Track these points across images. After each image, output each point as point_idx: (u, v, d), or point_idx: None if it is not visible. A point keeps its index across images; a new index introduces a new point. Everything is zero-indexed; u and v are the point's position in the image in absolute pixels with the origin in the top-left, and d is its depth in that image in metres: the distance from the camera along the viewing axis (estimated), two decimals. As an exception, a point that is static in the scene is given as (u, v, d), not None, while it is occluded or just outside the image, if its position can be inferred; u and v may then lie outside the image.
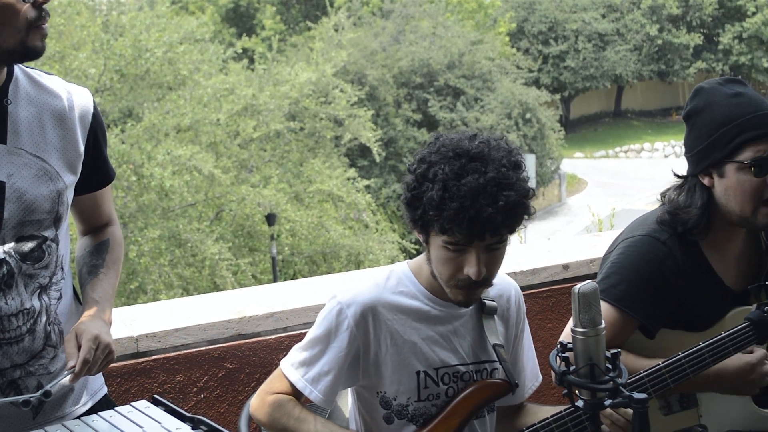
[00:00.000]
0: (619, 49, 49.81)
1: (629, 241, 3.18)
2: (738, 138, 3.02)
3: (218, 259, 19.59)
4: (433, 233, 2.64)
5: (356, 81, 34.24)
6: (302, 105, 24.77)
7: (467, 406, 2.80)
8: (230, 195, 21.46)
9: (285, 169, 24.26)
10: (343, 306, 2.73)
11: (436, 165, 2.61)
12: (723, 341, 2.92)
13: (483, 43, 40.69)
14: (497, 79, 39.18)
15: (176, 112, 21.42)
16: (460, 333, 2.83)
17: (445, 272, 2.67)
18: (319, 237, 22.77)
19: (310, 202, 23.62)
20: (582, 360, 2.37)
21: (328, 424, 2.76)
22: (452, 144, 2.64)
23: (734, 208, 3.08)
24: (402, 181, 2.71)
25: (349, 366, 2.75)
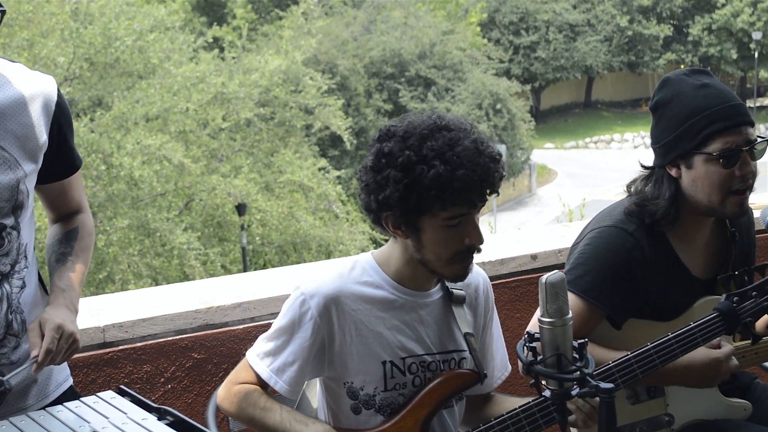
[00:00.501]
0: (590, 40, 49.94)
1: (596, 232, 3.18)
2: (706, 129, 3.03)
3: (187, 249, 19.53)
4: (428, 217, 2.62)
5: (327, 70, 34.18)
6: (272, 94, 24.70)
7: (436, 396, 2.79)
8: (200, 185, 21.41)
9: (255, 159, 24.21)
10: (306, 297, 2.72)
11: (419, 147, 2.60)
12: (692, 332, 2.93)
13: (454, 33, 40.74)
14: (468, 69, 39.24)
15: (146, 101, 21.32)
16: (426, 322, 2.82)
17: (446, 251, 2.67)
18: (290, 227, 22.75)
19: (281, 192, 23.57)
20: (549, 350, 2.37)
21: (294, 413, 2.75)
22: (419, 124, 2.65)
23: (702, 198, 3.08)
24: (372, 188, 2.67)
25: (314, 356, 2.74)
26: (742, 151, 3.03)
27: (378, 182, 2.65)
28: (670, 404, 3.21)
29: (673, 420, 3.20)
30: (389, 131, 2.69)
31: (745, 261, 3.33)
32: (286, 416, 2.72)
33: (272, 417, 2.72)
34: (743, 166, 3.04)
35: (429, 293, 2.84)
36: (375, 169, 2.66)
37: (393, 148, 2.63)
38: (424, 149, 2.60)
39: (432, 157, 2.58)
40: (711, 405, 3.26)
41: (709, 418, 3.25)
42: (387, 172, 2.63)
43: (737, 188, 3.06)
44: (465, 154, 2.59)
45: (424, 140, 2.61)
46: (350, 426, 2.79)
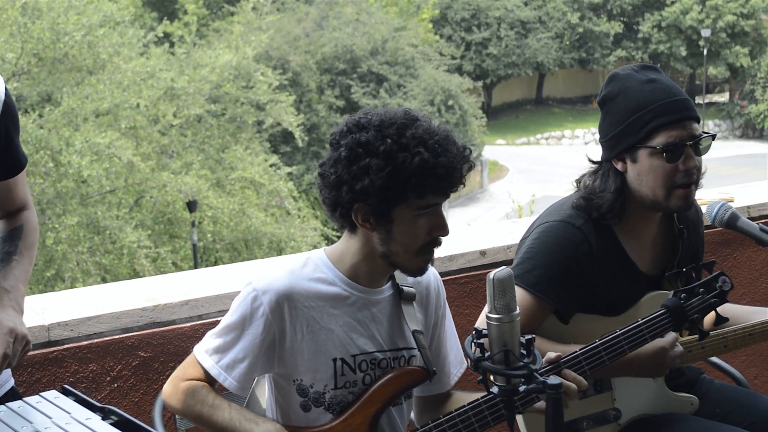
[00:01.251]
0: (541, 37, 50.18)
1: (544, 227, 3.19)
2: (651, 123, 3.05)
3: (137, 247, 19.39)
4: (401, 208, 2.63)
5: (279, 66, 34.07)
6: (223, 90, 24.57)
7: (384, 393, 2.79)
8: (150, 182, 21.26)
9: (206, 156, 24.10)
10: (258, 293, 2.70)
11: (399, 135, 2.61)
12: (640, 328, 2.94)
13: (406, 29, 40.74)
14: (420, 65, 39.27)
15: (95, 97, 21.12)
16: (378, 319, 2.81)
17: (414, 243, 2.68)
18: (241, 224, 22.68)
19: (232, 188, 23.49)
20: (497, 346, 2.37)
21: (244, 411, 2.73)
22: (393, 115, 2.68)
23: (647, 192, 3.10)
24: (345, 179, 2.64)
25: (264, 353, 2.72)
26: (686, 146, 3.05)
27: (354, 172, 2.63)
28: (617, 399, 3.22)
29: (620, 414, 3.21)
30: (360, 123, 2.68)
31: (693, 257, 3.35)
32: (235, 414, 2.70)
33: (221, 415, 2.69)
34: (687, 160, 3.06)
35: (381, 290, 2.83)
36: (350, 159, 2.64)
37: (370, 138, 2.63)
38: (404, 138, 2.61)
39: (414, 145, 2.60)
40: (658, 399, 3.27)
41: (656, 412, 3.27)
42: (366, 162, 2.61)
43: (681, 183, 3.08)
44: (444, 142, 2.63)
45: (404, 129, 2.63)
46: (299, 424, 2.77)
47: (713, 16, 49.84)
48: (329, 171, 2.69)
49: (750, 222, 3.25)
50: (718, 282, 2.94)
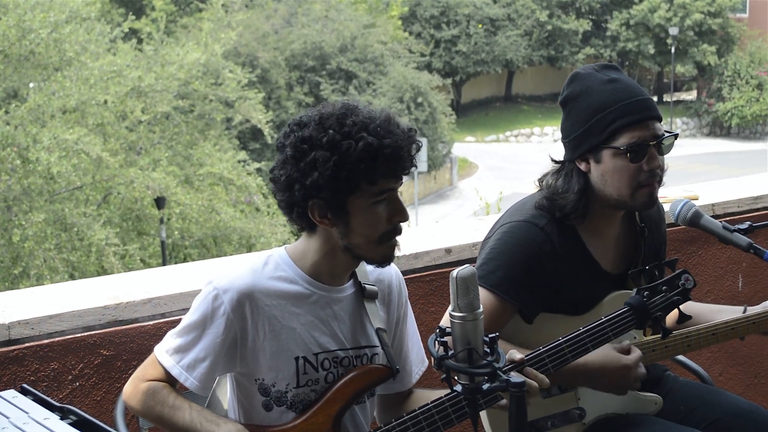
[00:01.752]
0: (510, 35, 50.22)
1: (507, 227, 3.18)
2: (613, 124, 3.05)
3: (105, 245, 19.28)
4: (356, 197, 2.63)
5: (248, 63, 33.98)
6: (192, 87, 24.47)
7: (347, 391, 2.78)
8: (118, 178, 21.14)
9: (174, 152, 23.98)
10: (219, 291, 2.68)
11: (340, 125, 2.62)
12: (603, 326, 2.94)
13: (375, 26, 40.72)
14: (389, 62, 39.26)
15: (62, 93, 20.98)
16: (340, 317, 2.80)
17: (374, 232, 2.68)
18: (210, 220, 22.60)
19: (201, 185, 23.40)
20: (460, 344, 2.37)
21: (205, 412, 2.71)
22: (331, 108, 2.69)
23: (612, 192, 3.11)
24: (295, 178, 2.64)
25: (225, 352, 2.70)
26: (650, 146, 3.06)
27: (302, 169, 2.63)
28: (582, 398, 3.22)
29: (585, 414, 3.21)
30: (300, 121, 2.70)
31: (655, 256, 3.36)
32: (196, 415, 2.68)
33: (181, 416, 2.68)
34: (651, 160, 3.07)
35: (343, 288, 2.82)
36: (296, 156, 2.64)
37: (312, 132, 2.63)
38: (345, 126, 2.62)
39: (357, 131, 2.61)
40: (622, 399, 3.27)
41: (620, 412, 3.27)
42: (312, 156, 2.61)
43: (646, 182, 3.09)
44: (385, 125, 2.64)
45: (344, 118, 2.64)
46: (261, 423, 2.76)
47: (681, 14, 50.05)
48: (279, 174, 2.69)
49: (713, 220, 3.26)
50: (680, 280, 2.95)
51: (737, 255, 4.73)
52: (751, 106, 49.09)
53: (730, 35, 52.20)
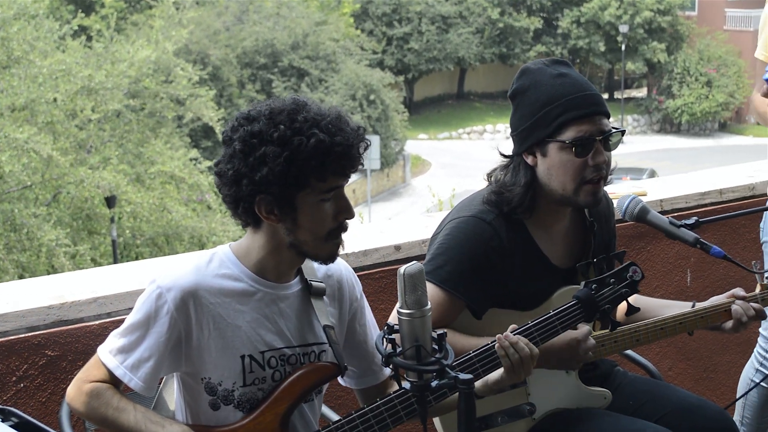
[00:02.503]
0: (462, 32, 50.30)
1: (455, 223, 3.18)
2: (560, 118, 3.06)
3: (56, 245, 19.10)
4: (304, 194, 2.61)
5: (199, 61, 33.83)
6: (142, 84, 24.30)
7: (295, 390, 2.75)
8: (68, 177, 20.94)
9: (125, 150, 23.79)
10: (162, 290, 2.65)
11: (291, 121, 2.59)
12: (551, 320, 2.93)
13: (327, 23, 40.67)
14: (341, 60, 39.23)
15: (10, 92, 20.75)
16: (286, 315, 2.78)
17: (322, 229, 2.66)
18: (161, 219, 22.47)
19: (152, 183, 23.24)
20: (408, 341, 2.37)
21: (150, 413, 2.68)
22: (281, 103, 2.67)
23: (557, 187, 3.11)
24: (243, 172, 2.61)
25: (170, 352, 2.67)
26: (596, 141, 3.07)
27: (251, 164, 2.60)
28: (532, 393, 3.22)
29: (535, 409, 3.20)
30: (249, 115, 2.67)
31: (605, 250, 3.37)
32: (141, 417, 2.65)
33: (126, 418, 2.64)
34: (596, 155, 3.08)
35: (289, 285, 2.80)
36: (245, 151, 2.61)
37: (263, 127, 2.60)
38: (297, 122, 2.60)
39: (308, 128, 2.59)
40: (572, 394, 3.28)
41: (570, 406, 3.27)
42: (262, 150, 2.59)
43: (590, 178, 3.09)
44: (336, 122, 2.63)
45: (295, 114, 2.61)
46: (209, 423, 2.73)
47: (631, 12, 50.40)
48: (226, 168, 2.66)
49: (660, 215, 3.28)
50: (628, 272, 2.95)
51: (685, 250, 4.75)
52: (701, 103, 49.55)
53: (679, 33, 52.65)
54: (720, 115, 50.22)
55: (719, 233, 4.60)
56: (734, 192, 4.90)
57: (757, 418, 4.30)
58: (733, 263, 3.20)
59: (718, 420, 3.30)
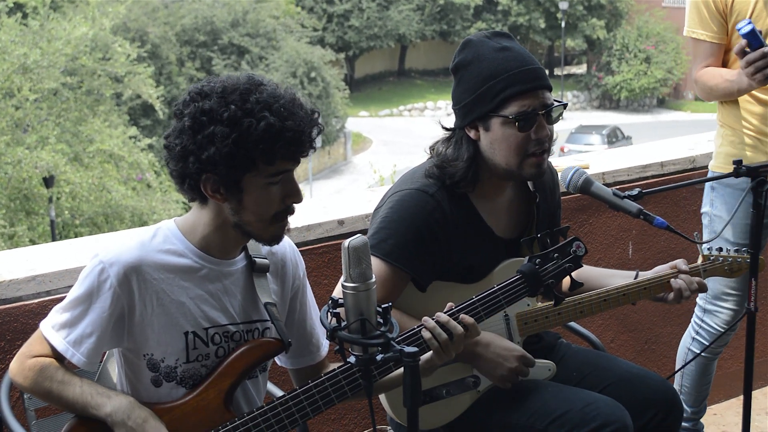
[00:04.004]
0: (402, 9, 50.27)
1: (398, 196, 3.16)
2: (503, 93, 3.04)
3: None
4: (251, 176, 2.57)
5: (137, 38, 33.51)
6: (80, 62, 23.99)
7: (239, 366, 2.73)
8: (5, 157, 20.66)
9: (63, 129, 23.52)
10: (105, 265, 2.60)
11: (243, 101, 2.55)
12: (495, 294, 2.92)
13: (267, 1, 40.41)
14: (282, 37, 39.06)
15: (-57, 71, 20.43)
16: (231, 291, 2.75)
17: (267, 211, 2.63)
18: (101, 198, 22.27)
19: (91, 162, 23.00)
20: (353, 315, 2.35)
21: (95, 385, 2.65)
22: (236, 81, 2.61)
23: (500, 161, 3.10)
24: (191, 150, 2.56)
25: (112, 327, 2.63)
26: (538, 115, 3.06)
27: (199, 142, 2.55)
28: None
29: (480, 381, 3.21)
30: (202, 91, 2.61)
31: (549, 222, 3.37)
32: (86, 389, 2.62)
33: (72, 390, 2.61)
34: (539, 129, 3.07)
35: (234, 262, 2.77)
36: (195, 128, 2.56)
37: (213, 105, 2.55)
38: (248, 103, 2.55)
39: (259, 110, 2.54)
40: (516, 365, 3.29)
41: (514, 378, 3.28)
42: (211, 129, 2.54)
43: (533, 151, 3.09)
44: (290, 106, 2.58)
45: (248, 94, 2.57)
46: (150, 399, 2.69)
47: (570, -12, 50.74)
48: (174, 142, 2.61)
49: (603, 187, 3.28)
50: (572, 247, 2.94)
51: (627, 223, 4.79)
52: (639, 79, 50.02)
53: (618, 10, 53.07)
54: (658, 91, 50.79)
55: (661, 205, 4.63)
56: (675, 165, 4.93)
57: (696, 386, 4.34)
58: (676, 234, 3.21)
59: (660, 390, 3.32)
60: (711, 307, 4.23)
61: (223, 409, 2.69)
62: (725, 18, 3.96)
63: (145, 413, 2.61)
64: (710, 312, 4.24)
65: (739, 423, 3.66)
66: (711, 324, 4.24)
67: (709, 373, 4.37)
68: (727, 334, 4.25)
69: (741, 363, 3.71)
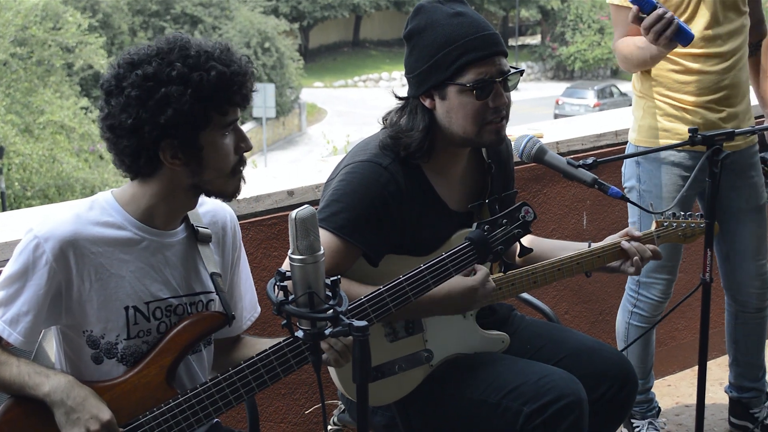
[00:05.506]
0: (357, -22, 50.11)
1: (350, 168, 3.07)
2: (459, 60, 2.96)
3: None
4: (207, 131, 2.51)
5: (89, 8, 33.14)
6: (29, 32, 23.67)
7: (181, 341, 2.64)
8: (-47, 128, 20.38)
9: (13, 100, 23.21)
10: (40, 240, 2.50)
11: (184, 57, 2.49)
12: (443, 261, 2.86)
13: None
14: (235, 7, 38.84)
15: None
16: (172, 263, 2.66)
17: (226, 163, 2.58)
18: (52, 170, 22.02)
19: (41, 134, 22.73)
20: (301, 288, 2.28)
21: (33, 365, 2.56)
22: (165, 42, 2.55)
23: (457, 130, 3.02)
24: (145, 119, 2.46)
25: (50, 305, 2.54)
26: (495, 82, 2.99)
27: (152, 108, 2.46)
28: (429, 340, 3.16)
29: (432, 355, 3.16)
30: (133, 60, 2.52)
31: (503, 192, 3.30)
32: (24, 368, 2.53)
33: (8, 370, 2.52)
34: (496, 97, 3.00)
35: (175, 232, 2.68)
36: (142, 97, 2.46)
37: (156, 68, 2.47)
38: (190, 58, 2.49)
39: (204, 61, 2.49)
40: (469, 339, 3.23)
41: (467, 351, 3.22)
42: (162, 92, 2.45)
43: (492, 119, 3.01)
44: (228, 54, 2.55)
45: (185, 50, 2.51)
46: (91, 378, 2.60)
47: (525, -41, 50.80)
48: (121, 118, 2.49)
49: (557, 156, 3.22)
50: (521, 212, 2.88)
51: (582, 192, 4.74)
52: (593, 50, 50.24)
53: (572, -20, 53.15)
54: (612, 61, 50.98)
55: (616, 175, 4.58)
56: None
57: (641, 358, 4.32)
58: (631, 203, 3.17)
59: (615, 362, 3.29)
60: (646, 280, 4.21)
61: (165, 386, 2.62)
62: None
63: (85, 392, 2.52)
64: (645, 284, 4.23)
65: (693, 394, 3.64)
66: (648, 295, 4.23)
67: (651, 343, 4.36)
68: (663, 302, 4.25)
69: (694, 334, 3.69)
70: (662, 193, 3.99)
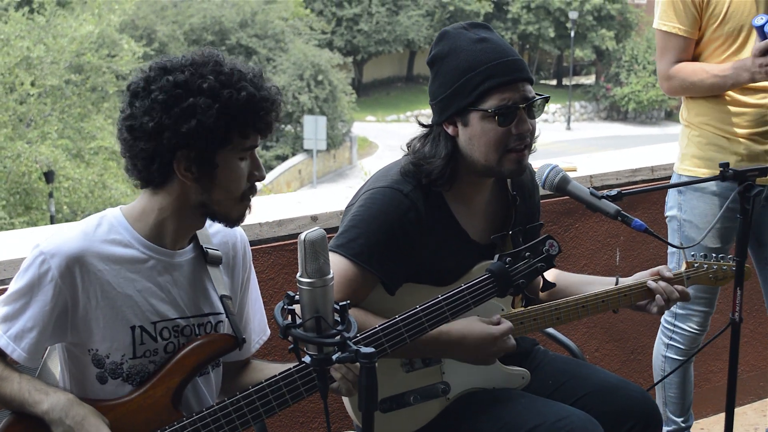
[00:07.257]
0: (412, 14, 50.28)
1: (370, 194, 3.02)
2: (482, 86, 2.91)
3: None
4: (225, 150, 2.48)
5: (145, 37, 33.57)
6: (85, 58, 23.98)
7: (189, 363, 2.60)
8: (5, 151, 20.64)
9: (65, 125, 23.50)
10: (46, 256, 2.48)
11: (217, 72, 2.47)
12: (462, 294, 2.78)
13: (276, 2, 40.51)
14: (290, 39, 39.12)
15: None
16: (180, 283, 2.63)
17: (238, 187, 2.54)
18: (101, 195, 22.22)
19: (92, 159, 22.99)
20: (308, 312, 2.23)
21: (35, 381, 2.53)
22: (201, 55, 2.54)
23: (479, 157, 2.96)
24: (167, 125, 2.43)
25: (55, 321, 2.51)
26: (519, 109, 2.92)
27: (176, 115, 2.43)
28: (446, 372, 3.10)
29: (449, 388, 3.09)
30: (166, 66, 2.50)
31: (527, 225, 3.23)
32: (25, 385, 2.50)
33: (10, 386, 2.50)
34: (520, 124, 2.93)
35: (183, 252, 2.64)
36: (169, 102, 2.43)
37: (188, 78, 2.45)
38: (223, 75, 2.47)
39: (236, 80, 2.47)
40: (488, 373, 3.15)
41: (486, 386, 3.15)
42: (190, 101, 2.43)
43: (514, 147, 2.94)
44: (260, 78, 2.54)
45: (220, 66, 2.49)
46: (96, 396, 2.57)
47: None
48: (143, 120, 2.46)
49: (581, 186, 3.14)
50: (545, 246, 2.79)
51: (615, 228, 4.65)
52: (648, 91, 49.96)
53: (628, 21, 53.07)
54: (666, 103, 50.72)
55: (650, 211, 4.49)
56: (666, 170, 4.77)
57: (680, 394, 4.22)
58: (654, 237, 3.07)
59: (638, 401, 3.19)
60: (682, 311, 4.13)
61: (171, 408, 2.57)
62: (700, 12, 3.84)
63: (84, 410, 2.48)
64: (682, 316, 4.14)
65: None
66: (684, 327, 4.13)
67: (689, 377, 4.25)
68: (700, 334, 4.15)
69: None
70: (702, 223, 3.91)
